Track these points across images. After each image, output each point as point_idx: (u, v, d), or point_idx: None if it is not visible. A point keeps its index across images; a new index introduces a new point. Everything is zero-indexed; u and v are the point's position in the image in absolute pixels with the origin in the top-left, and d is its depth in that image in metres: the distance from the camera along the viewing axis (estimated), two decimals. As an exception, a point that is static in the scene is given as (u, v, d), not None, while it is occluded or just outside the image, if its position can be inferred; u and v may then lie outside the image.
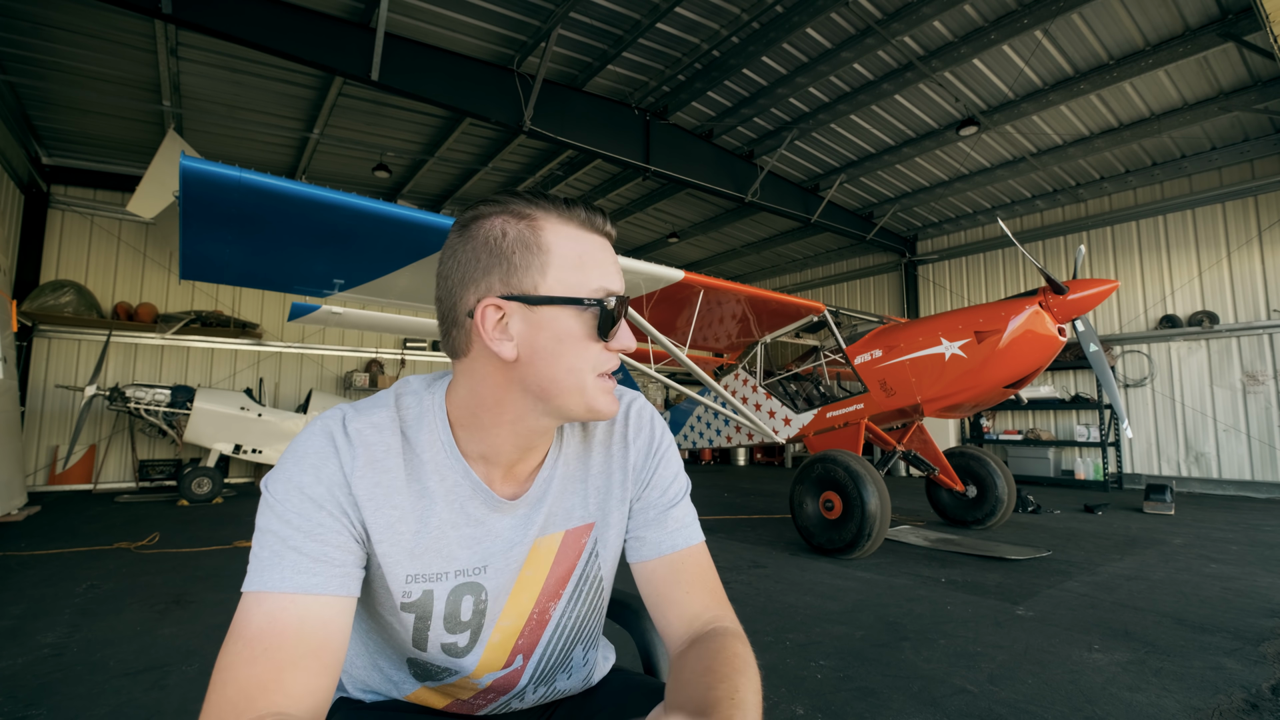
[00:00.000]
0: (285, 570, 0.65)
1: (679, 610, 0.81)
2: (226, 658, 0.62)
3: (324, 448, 0.71)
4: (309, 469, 0.70)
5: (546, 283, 0.71)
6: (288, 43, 5.75)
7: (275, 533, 0.67)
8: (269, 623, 0.63)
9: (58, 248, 9.09)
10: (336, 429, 0.73)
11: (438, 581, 0.77)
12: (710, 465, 14.02)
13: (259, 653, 0.61)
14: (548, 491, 0.83)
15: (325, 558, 0.68)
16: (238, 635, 0.63)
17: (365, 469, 0.72)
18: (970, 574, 4.01)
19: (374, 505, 0.72)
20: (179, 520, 6.19)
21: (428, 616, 0.77)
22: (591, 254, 0.74)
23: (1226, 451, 8.26)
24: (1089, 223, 9.70)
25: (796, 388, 6.29)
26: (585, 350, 0.72)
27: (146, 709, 2.13)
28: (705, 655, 0.73)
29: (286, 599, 0.64)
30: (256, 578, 0.65)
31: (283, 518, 0.68)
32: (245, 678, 0.60)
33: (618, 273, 0.76)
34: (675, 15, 6.36)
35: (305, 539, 0.67)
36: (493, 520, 0.79)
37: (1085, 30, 6.30)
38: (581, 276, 0.72)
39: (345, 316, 6.04)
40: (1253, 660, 2.54)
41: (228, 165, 2.66)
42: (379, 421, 0.75)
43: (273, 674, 0.60)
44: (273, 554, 0.66)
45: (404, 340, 11.63)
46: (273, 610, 0.64)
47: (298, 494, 0.68)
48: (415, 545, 0.75)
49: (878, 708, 2.13)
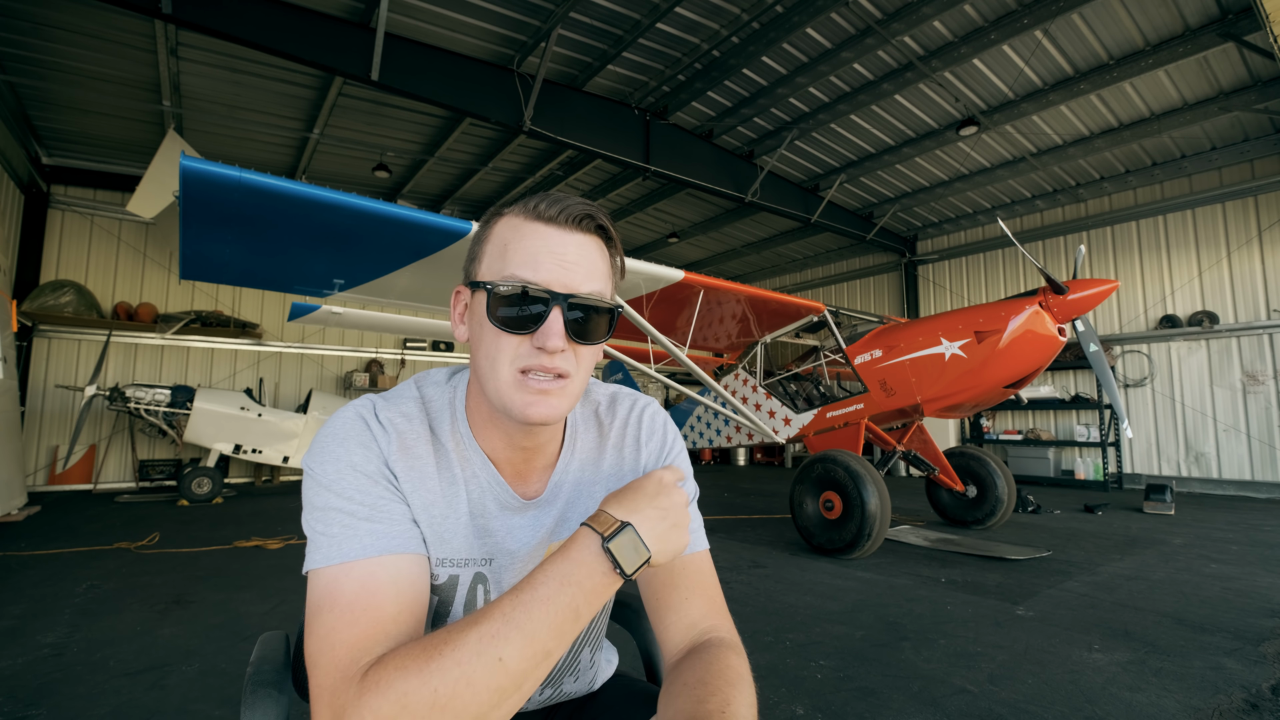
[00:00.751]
0: (364, 539, 0.67)
1: (676, 616, 0.80)
2: (323, 628, 0.62)
3: (362, 430, 0.73)
4: (356, 448, 0.71)
5: (480, 270, 0.75)
6: (288, 43, 5.75)
7: (340, 509, 0.68)
8: (361, 588, 0.64)
9: (58, 248, 9.09)
10: (369, 415, 0.75)
11: (463, 568, 0.79)
12: (710, 465, 14.02)
13: (358, 614, 0.62)
14: (558, 495, 0.84)
15: (396, 522, 0.70)
16: (330, 606, 0.63)
17: (399, 453, 0.74)
18: (970, 574, 4.01)
19: (411, 486, 0.74)
20: (179, 520, 6.19)
21: (449, 602, 0.79)
22: (520, 241, 0.72)
23: (1226, 451, 8.26)
24: (1089, 223, 9.70)
25: (796, 388, 6.29)
26: (499, 339, 0.71)
27: (146, 709, 2.13)
28: (699, 667, 0.72)
29: (374, 564, 0.66)
30: (335, 551, 0.66)
31: (343, 494, 0.69)
32: (352, 637, 0.60)
33: (552, 264, 0.70)
34: (675, 15, 6.36)
35: (372, 510, 0.69)
36: (505, 517, 0.80)
37: (1085, 30, 6.30)
38: (501, 263, 0.72)
39: (345, 316, 6.03)
40: (1253, 660, 2.54)
41: (228, 165, 2.65)
42: (408, 411, 0.78)
43: (377, 629, 0.61)
44: (345, 528, 0.67)
45: (404, 340, 11.63)
46: (363, 576, 0.64)
47: (351, 471, 0.70)
48: (444, 530, 0.77)
49: (878, 708, 2.13)
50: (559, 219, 0.72)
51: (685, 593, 0.82)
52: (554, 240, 0.72)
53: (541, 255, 0.71)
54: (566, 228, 0.72)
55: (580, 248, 0.73)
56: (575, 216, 0.72)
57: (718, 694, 0.67)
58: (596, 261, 0.74)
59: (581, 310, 0.72)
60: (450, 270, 3.86)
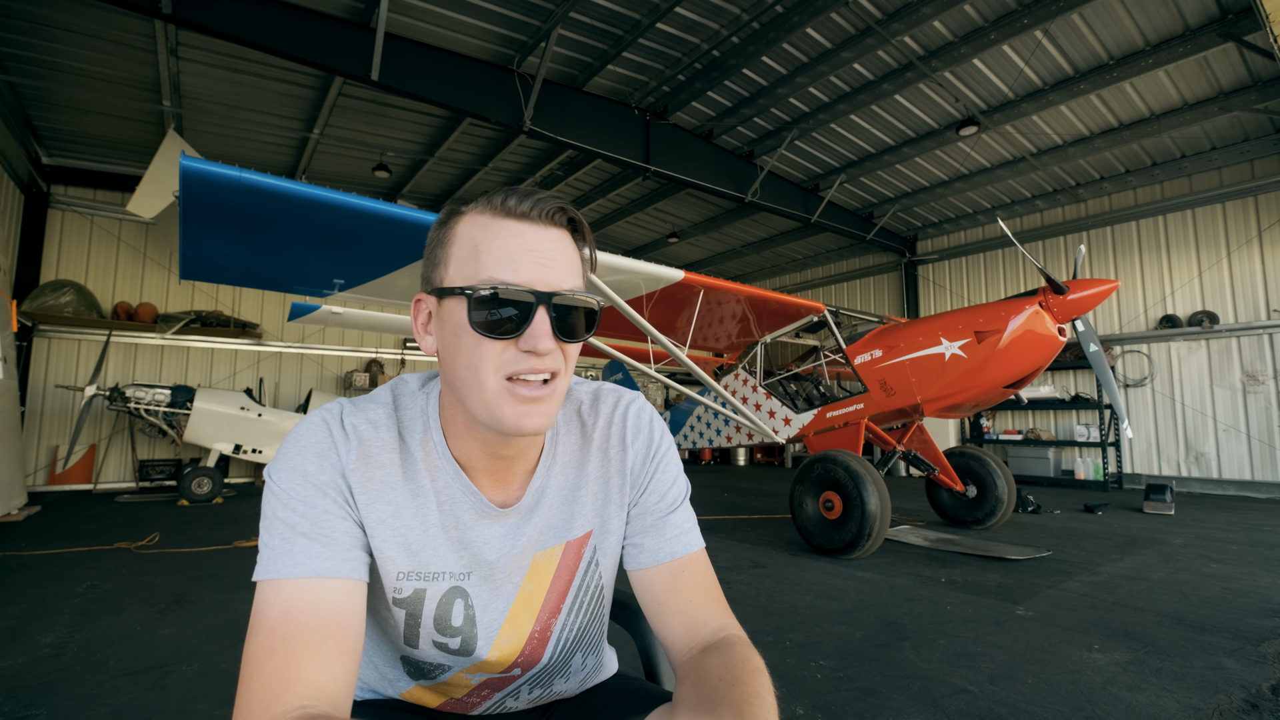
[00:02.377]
0: (296, 556, 0.65)
1: (682, 617, 0.79)
2: (249, 651, 0.62)
3: (324, 438, 0.72)
4: (312, 457, 0.70)
5: (448, 274, 0.70)
6: (288, 43, 5.75)
7: (283, 520, 0.67)
8: (285, 611, 0.63)
9: (58, 248, 9.09)
10: (334, 421, 0.73)
11: (431, 582, 0.76)
12: (710, 465, 14.02)
13: (278, 643, 0.61)
14: (540, 502, 0.81)
15: (334, 542, 0.68)
16: (258, 627, 0.63)
17: (358, 463, 0.72)
18: (970, 574, 4.01)
19: (367, 499, 0.72)
20: (179, 520, 6.19)
21: (418, 615, 0.77)
22: (492, 240, 0.68)
23: (1226, 451, 8.26)
24: (1089, 223, 9.70)
25: (796, 388, 6.29)
26: (481, 347, 0.67)
27: (146, 709, 2.13)
28: (722, 661, 0.70)
29: (299, 585, 0.64)
30: (269, 565, 0.65)
31: (289, 505, 0.68)
32: (268, 670, 0.60)
33: (531, 263, 0.67)
34: (675, 15, 6.36)
35: (312, 525, 0.67)
36: (481, 527, 0.78)
37: (1085, 30, 6.30)
38: (474, 266, 0.68)
39: (345, 316, 6.04)
40: (1253, 660, 2.54)
41: (228, 165, 2.66)
42: (375, 419, 0.76)
43: (293, 664, 0.60)
44: (283, 541, 0.66)
45: (404, 340, 11.63)
46: (287, 599, 0.64)
47: (302, 481, 0.69)
48: (409, 542, 0.74)
49: (878, 708, 2.13)
50: (532, 214, 0.68)
51: (689, 594, 0.81)
52: (529, 237, 0.68)
53: (519, 254, 0.67)
54: (540, 223, 0.69)
55: (556, 243, 0.70)
56: (548, 211, 0.69)
57: (745, 684, 0.66)
58: (572, 256, 0.71)
59: (565, 308, 0.69)
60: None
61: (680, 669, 0.76)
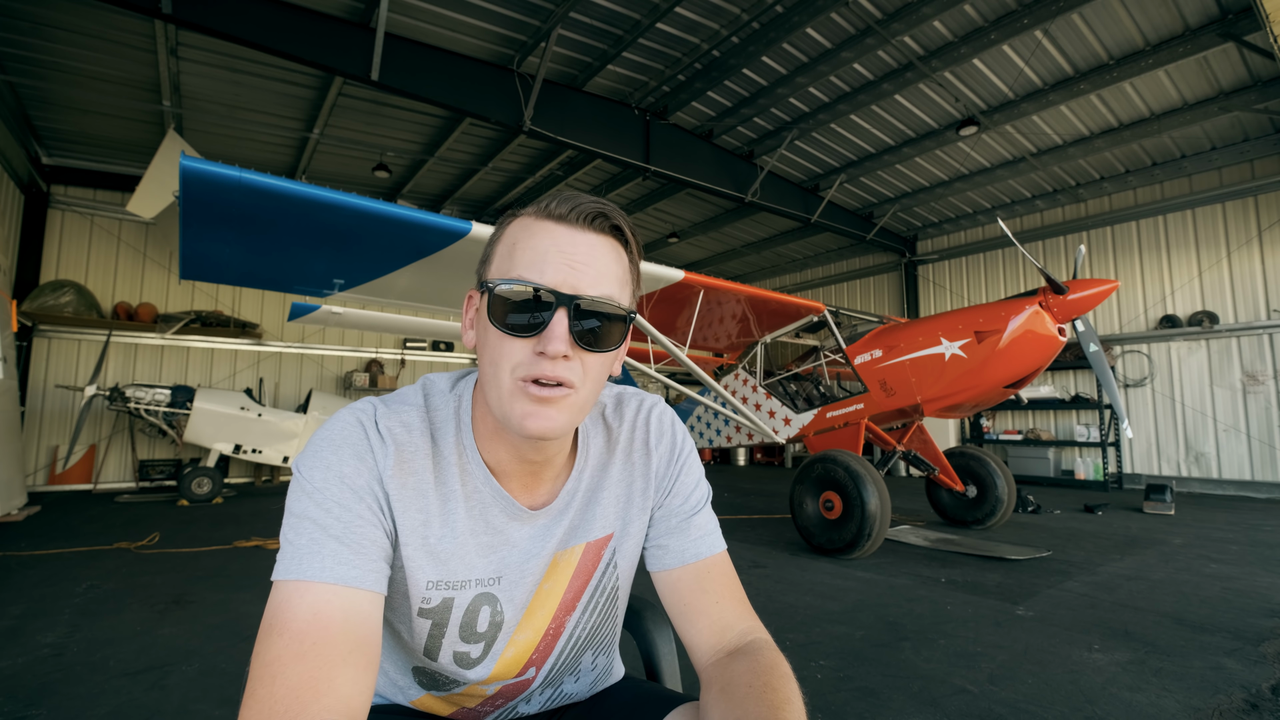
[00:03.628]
0: (326, 560, 0.63)
1: (709, 620, 0.79)
2: (271, 651, 0.58)
3: (360, 440, 0.69)
4: (349, 458, 0.68)
5: (489, 271, 0.71)
6: (288, 43, 5.75)
7: (315, 520, 0.64)
8: (314, 616, 0.60)
9: (58, 248, 9.08)
10: (369, 424, 0.71)
11: (460, 590, 0.75)
12: (710, 465, 14.01)
13: (307, 648, 0.58)
14: (571, 504, 0.81)
15: (363, 551, 0.65)
16: (282, 627, 0.59)
17: (396, 469, 0.70)
18: (970, 574, 4.01)
19: (402, 506, 0.70)
20: (179, 520, 6.19)
21: (444, 624, 0.75)
22: (528, 240, 0.68)
23: (1226, 451, 8.26)
24: (1089, 223, 9.70)
25: (796, 388, 6.29)
26: (501, 344, 0.66)
27: (146, 709, 2.13)
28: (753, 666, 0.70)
29: (330, 591, 0.61)
30: (295, 565, 0.62)
31: (322, 505, 0.65)
32: (295, 675, 0.56)
33: (560, 264, 0.66)
34: (675, 15, 6.36)
35: (345, 529, 0.65)
36: (511, 530, 0.77)
37: (1085, 30, 6.30)
38: (508, 264, 0.68)
39: (345, 316, 6.03)
40: (1253, 660, 2.54)
41: (228, 165, 2.65)
42: (409, 421, 0.74)
43: (325, 672, 0.57)
44: (312, 541, 0.63)
45: (404, 340, 11.63)
46: (316, 603, 0.61)
47: (338, 481, 0.66)
48: (439, 550, 0.73)
49: (878, 708, 2.13)
50: (569, 217, 0.68)
51: (715, 596, 0.81)
52: (563, 239, 0.67)
53: (549, 255, 0.66)
54: (577, 226, 0.68)
55: (591, 248, 0.68)
56: (587, 215, 0.68)
57: (777, 690, 0.66)
58: (609, 264, 0.69)
59: (590, 315, 0.66)
60: (450, 270, 3.86)
61: (706, 673, 0.75)
